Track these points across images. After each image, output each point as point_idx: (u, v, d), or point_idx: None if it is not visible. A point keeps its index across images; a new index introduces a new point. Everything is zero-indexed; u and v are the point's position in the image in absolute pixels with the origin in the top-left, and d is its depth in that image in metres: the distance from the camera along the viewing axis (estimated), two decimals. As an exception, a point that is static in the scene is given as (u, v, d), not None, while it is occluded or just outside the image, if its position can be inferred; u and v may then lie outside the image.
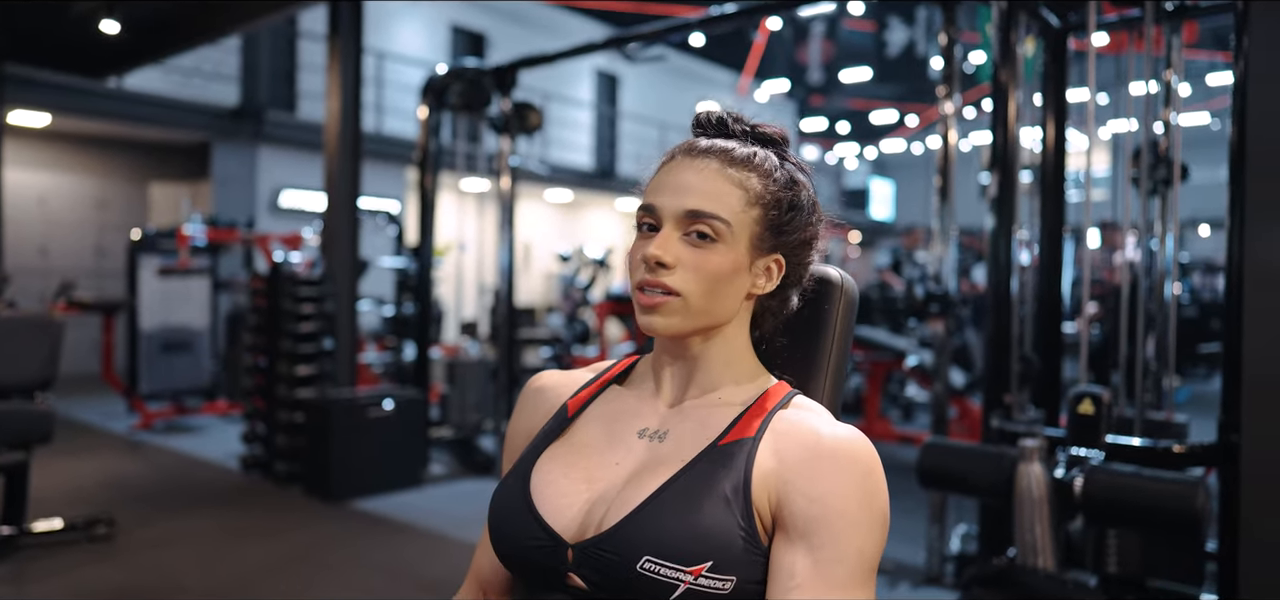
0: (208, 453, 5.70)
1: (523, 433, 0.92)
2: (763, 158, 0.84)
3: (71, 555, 3.64)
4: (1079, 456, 2.39)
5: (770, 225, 0.83)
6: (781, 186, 0.84)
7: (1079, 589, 2.03)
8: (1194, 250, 16.21)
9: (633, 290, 0.83)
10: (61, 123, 8.44)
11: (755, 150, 0.84)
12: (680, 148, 0.86)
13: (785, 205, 0.84)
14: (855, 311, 0.95)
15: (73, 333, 7.84)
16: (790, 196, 0.85)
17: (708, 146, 0.84)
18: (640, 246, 0.83)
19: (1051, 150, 3.35)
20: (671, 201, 0.81)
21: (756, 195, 0.82)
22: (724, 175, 0.82)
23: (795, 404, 0.83)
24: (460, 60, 6.21)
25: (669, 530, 0.73)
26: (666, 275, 0.80)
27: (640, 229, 0.84)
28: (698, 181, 0.81)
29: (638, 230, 0.85)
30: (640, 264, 0.82)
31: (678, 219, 0.81)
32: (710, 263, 0.80)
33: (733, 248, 0.81)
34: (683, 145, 0.86)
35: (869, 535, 0.73)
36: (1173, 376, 3.38)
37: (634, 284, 0.83)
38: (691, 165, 0.82)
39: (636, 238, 0.85)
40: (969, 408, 5.54)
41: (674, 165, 0.84)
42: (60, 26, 5.92)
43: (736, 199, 0.81)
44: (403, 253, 6.95)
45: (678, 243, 0.80)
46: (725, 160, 0.83)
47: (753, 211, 0.82)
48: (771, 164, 0.85)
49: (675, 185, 0.82)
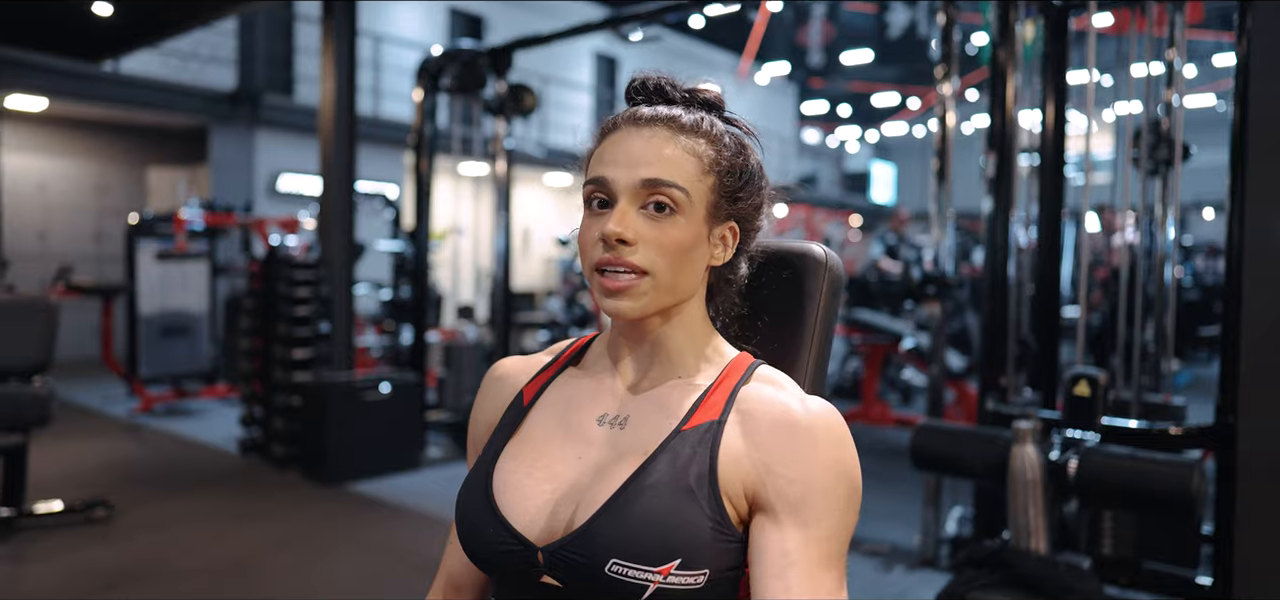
0: (206, 436, 5.71)
1: (484, 424, 0.90)
2: (710, 123, 0.81)
3: (71, 537, 3.65)
4: (1074, 439, 2.38)
5: (725, 193, 0.80)
6: (733, 152, 0.81)
7: (1071, 571, 2.02)
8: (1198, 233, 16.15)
9: (589, 273, 0.79)
10: (59, 107, 8.41)
11: (702, 115, 0.81)
12: (622, 116, 0.81)
13: (738, 171, 0.81)
14: (840, 290, 0.93)
15: (72, 317, 7.86)
16: (742, 162, 0.82)
17: (653, 114, 0.79)
18: (594, 224, 0.78)
19: (1051, 132, 3.32)
20: (625, 173, 0.76)
21: (710, 162, 0.79)
22: (676, 142, 0.78)
23: (759, 376, 0.80)
24: (457, 42, 6.17)
25: (633, 530, 0.71)
26: (629, 252, 0.76)
27: (589, 205, 0.79)
28: (649, 150, 0.77)
29: (586, 207, 0.80)
30: (597, 243, 0.77)
31: (634, 191, 0.76)
32: (672, 235, 0.76)
33: (692, 218, 0.77)
34: (624, 114, 0.81)
35: (850, 508, 0.73)
36: (1172, 359, 3.37)
37: (591, 266, 0.78)
38: (639, 134, 0.78)
39: (586, 216, 0.79)
40: (967, 391, 5.53)
41: (619, 135, 0.79)
42: (55, 9, 5.89)
43: (691, 166, 0.77)
44: (400, 236, 6.93)
45: (636, 217, 0.76)
46: (674, 127, 0.78)
47: (708, 179, 0.79)
48: (719, 129, 0.81)
49: (626, 156, 0.77)
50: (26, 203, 8.94)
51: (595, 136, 0.83)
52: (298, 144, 9.38)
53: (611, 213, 0.77)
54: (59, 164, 9.24)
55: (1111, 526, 2.57)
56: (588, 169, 0.81)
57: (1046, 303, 3.30)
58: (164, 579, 3.28)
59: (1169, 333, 3.27)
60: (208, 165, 9.07)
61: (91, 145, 9.42)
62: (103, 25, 5.99)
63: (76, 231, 9.36)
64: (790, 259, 0.91)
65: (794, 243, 0.93)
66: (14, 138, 8.73)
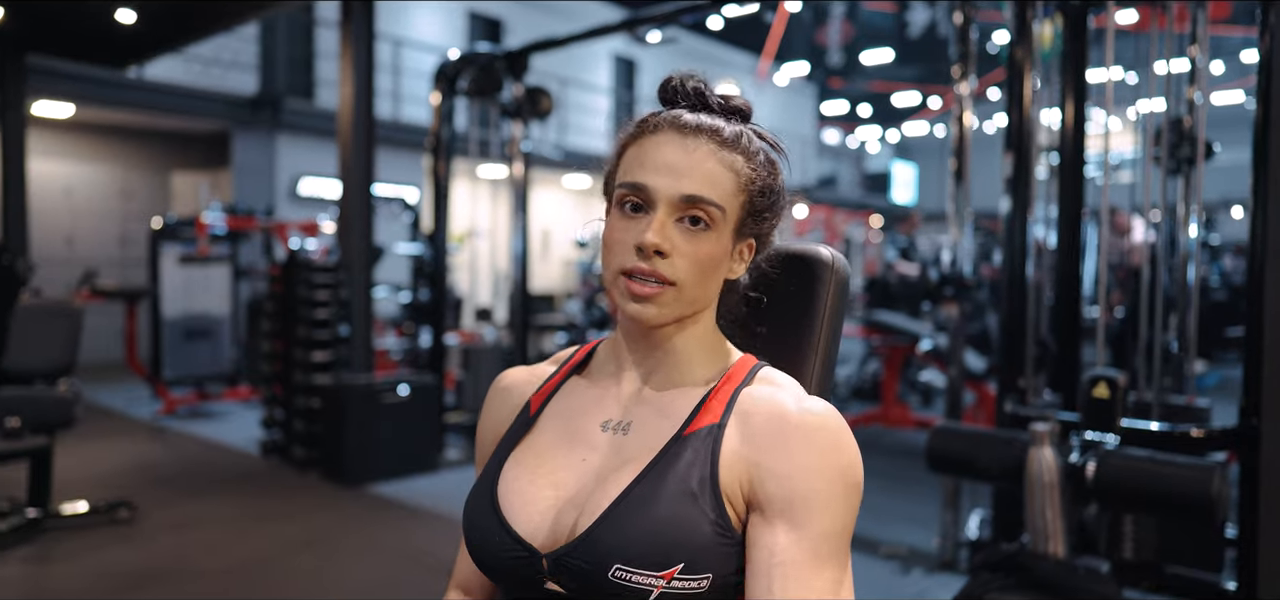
0: (228, 438, 5.78)
1: (490, 434, 0.90)
2: (748, 138, 0.81)
3: (95, 537, 3.71)
4: (1093, 441, 2.35)
5: (753, 211, 0.80)
6: (766, 172, 0.81)
7: (1088, 575, 2.00)
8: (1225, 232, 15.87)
9: (613, 275, 0.77)
10: (84, 113, 8.56)
11: (741, 130, 0.81)
12: (664, 120, 0.80)
13: (768, 191, 0.81)
14: (847, 291, 0.93)
15: (97, 321, 7.99)
16: (772, 182, 0.82)
17: (696, 124, 0.79)
18: (627, 227, 0.77)
19: (1071, 131, 3.28)
20: (667, 184, 0.76)
21: (746, 180, 0.79)
22: (717, 157, 0.77)
23: (761, 379, 0.80)
24: (475, 46, 6.20)
25: (636, 536, 0.71)
26: (662, 264, 0.75)
27: (622, 207, 0.78)
28: (692, 163, 0.76)
29: (618, 209, 0.78)
30: (630, 249, 0.76)
31: (674, 203, 0.76)
32: (703, 250, 0.76)
33: (722, 234, 0.78)
34: (666, 117, 0.80)
35: (843, 508, 0.72)
36: (1195, 360, 3.31)
37: (618, 268, 0.77)
38: (682, 144, 0.77)
39: (616, 217, 0.78)
40: (987, 393, 5.47)
41: (660, 139, 0.78)
42: (79, 17, 5.99)
43: (729, 184, 0.78)
44: (418, 239, 6.98)
45: (672, 229, 0.76)
46: (716, 140, 0.78)
47: (741, 197, 0.79)
48: (756, 145, 0.81)
49: (668, 165, 0.76)
50: (53, 207, 9.10)
51: (629, 132, 0.82)
52: (318, 148, 9.48)
53: (646, 219, 0.76)
54: (85, 169, 9.40)
55: (1132, 530, 2.53)
56: (622, 166, 0.80)
57: (1066, 303, 3.25)
58: (186, 579, 3.32)
59: (1192, 333, 3.22)
60: (230, 169, 9.18)
61: (116, 150, 9.57)
62: (127, 32, 6.09)
63: (102, 236, 9.52)
64: (797, 261, 0.91)
65: (802, 245, 0.93)
66: (41, 144, 8.90)
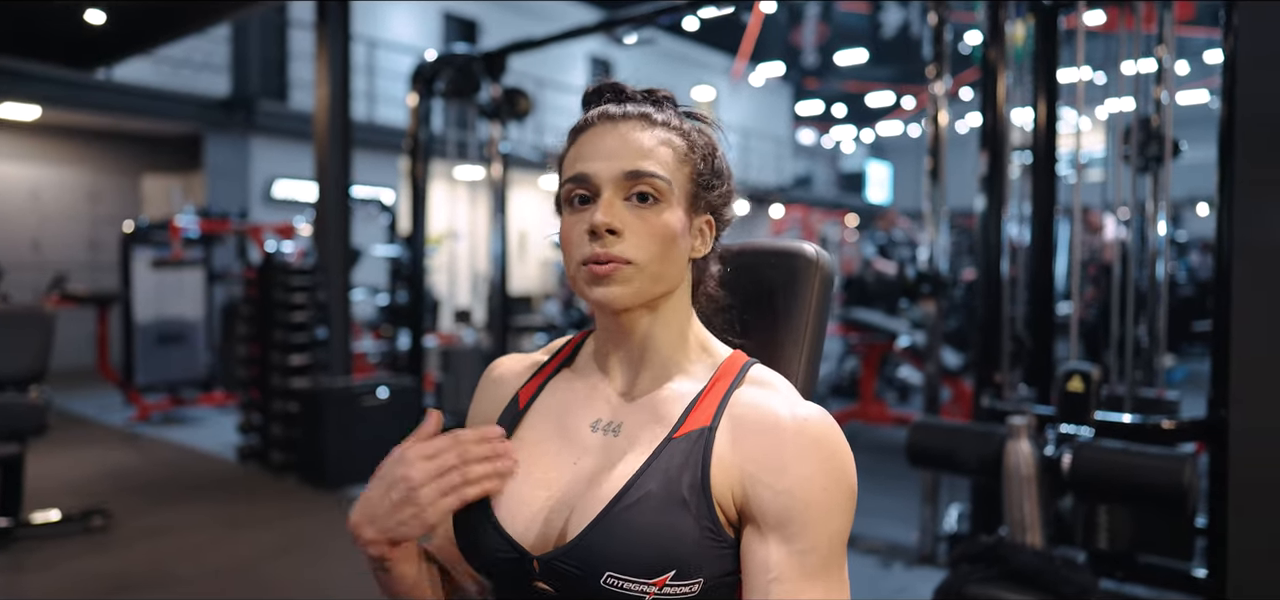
0: (204, 443, 5.70)
1: (480, 423, 0.89)
2: (678, 117, 0.82)
3: (69, 546, 3.65)
4: (1068, 434, 2.39)
5: (700, 183, 0.81)
6: (704, 143, 0.82)
7: (1066, 565, 2.04)
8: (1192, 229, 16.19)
9: (576, 270, 0.77)
10: (52, 115, 8.40)
11: (669, 112, 0.82)
12: (593, 116, 0.81)
13: (710, 158, 0.82)
14: (831, 288, 0.93)
15: (68, 326, 7.83)
16: (712, 153, 0.83)
17: (623, 111, 0.80)
18: (577, 220, 0.77)
19: (1043, 130, 3.34)
20: (607, 165, 0.76)
21: (684, 153, 0.80)
22: (652, 134, 0.78)
23: (752, 379, 0.80)
24: (451, 46, 6.17)
25: (627, 543, 0.71)
26: (616, 243, 0.75)
27: (571, 203, 0.79)
28: (628, 143, 0.77)
29: (567, 207, 0.79)
30: (584, 237, 0.76)
31: (617, 183, 0.76)
32: (657, 224, 0.76)
33: (673, 207, 0.78)
34: (595, 113, 0.81)
35: (840, 517, 0.72)
36: (1165, 355, 3.39)
37: (577, 261, 0.77)
38: (614, 129, 0.78)
39: (566, 216, 0.79)
40: (964, 389, 5.55)
41: (594, 132, 0.79)
42: (46, 17, 5.88)
43: (669, 156, 0.78)
44: (396, 241, 6.93)
45: (621, 207, 0.76)
46: (646, 121, 0.79)
47: (685, 168, 0.79)
48: (687, 123, 0.83)
49: (605, 150, 0.77)
50: (20, 211, 8.93)
51: (565, 143, 0.83)
52: (292, 150, 9.37)
53: (595, 206, 0.77)
54: (52, 172, 9.23)
55: (1107, 520, 2.59)
56: (564, 170, 0.81)
57: (1040, 299, 3.32)
58: (164, 586, 3.28)
59: (1162, 328, 3.29)
60: (202, 172, 9.06)
61: (85, 153, 9.40)
62: (95, 33, 5.99)
63: (70, 240, 9.34)
64: (781, 258, 0.92)
65: (785, 242, 0.94)
66: (7, 146, 8.72)
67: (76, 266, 9.09)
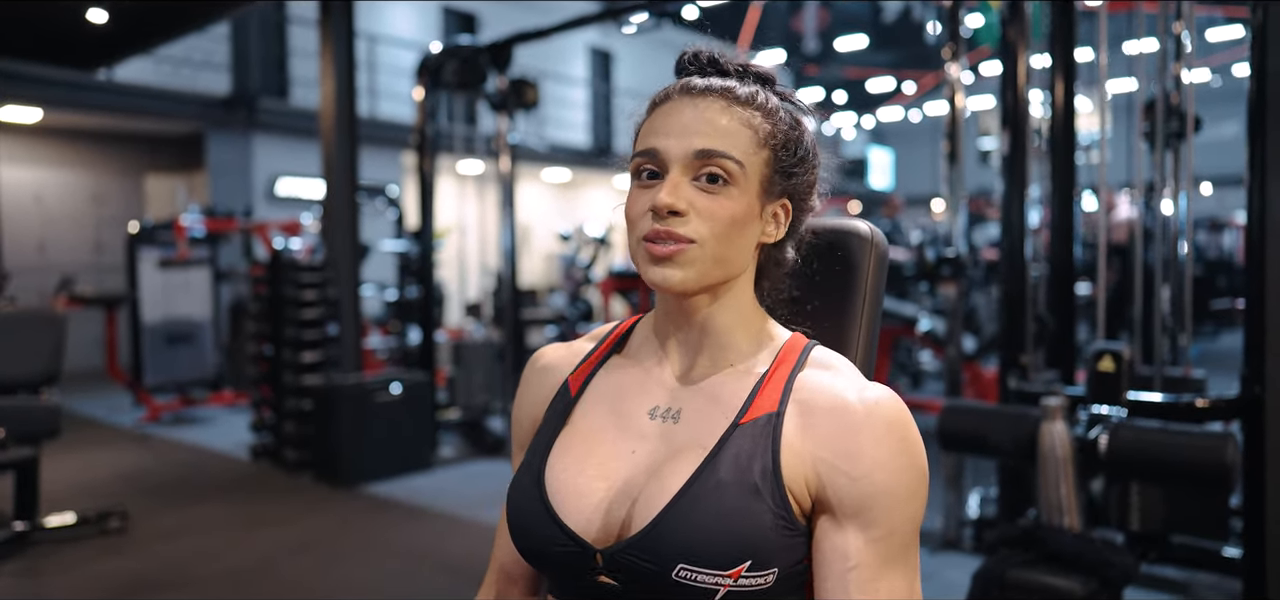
0: (216, 443, 5.68)
1: (528, 415, 0.87)
2: (765, 96, 0.78)
3: (85, 549, 3.63)
4: (1100, 414, 2.37)
5: (779, 168, 0.77)
6: (789, 126, 0.78)
7: (1107, 546, 2.02)
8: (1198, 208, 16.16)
9: (636, 245, 0.75)
10: (54, 117, 8.36)
11: (757, 89, 0.78)
12: (675, 87, 0.77)
13: (793, 146, 0.78)
14: (886, 266, 0.91)
15: (76, 328, 7.80)
16: (797, 137, 0.79)
17: (706, 85, 0.76)
18: (643, 196, 0.74)
19: (1060, 111, 3.31)
20: (678, 143, 0.73)
21: (766, 135, 0.76)
22: (731, 113, 0.75)
23: (814, 361, 0.77)
24: (453, 39, 6.13)
25: (701, 534, 0.68)
26: (679, 223, 0.72)
27: (639, 177, 0.75)
28: (703, 120, 0.74)
29: (635, 180, 0.76)
30: (646, 214, 0.73)
31: (686, 162, 0.73)
32: (725, 207, 0.73)
33: (745, 191, 0.74)
34: (677, 85, 0.78)
35: (916, 500, 0.71)
36: (1188, 333, 3.35)
37: (638, 237, 0.74)
38: (692, 104, 0.75)
39: (634, 189, 0.76)
40: (980, 373, 5.52)
41: (671, 106, 0.76)
42: (46, 18, 5.84)
43: (746, 139, 0.75)
44: (403, 236, 6.90)
45: (688, 188, 0.73)
46: (729, 98, 0.75)
47: (763, 153, 0.76)
48: (775, 103, 0.78)
49: (679, 126, 0.74)
50: (24, 214, 8.89)
51: (642, 111, 0.80)
52: (295, 147, 9.33)
53: (662, 183, 0.74)
54: (55, 174, 9.19)
55: (1139, 501, 2.56)
56: (638, 140, 0.78)
57: (1061, 280, 3.29)
58: (184, 587, 3.26)
59: (1187, 306, 3.26)
60: (205, 171, 9.02)
61: (87, 155, 9.36)
62: (95, 33, 5.95)
63: (75, 242, 9.31)
64: (836, 237, 0.90)
65: (839, 220, 0.91)
66: (9, 149, 8.68)
67: (82, 268, 9.07)
